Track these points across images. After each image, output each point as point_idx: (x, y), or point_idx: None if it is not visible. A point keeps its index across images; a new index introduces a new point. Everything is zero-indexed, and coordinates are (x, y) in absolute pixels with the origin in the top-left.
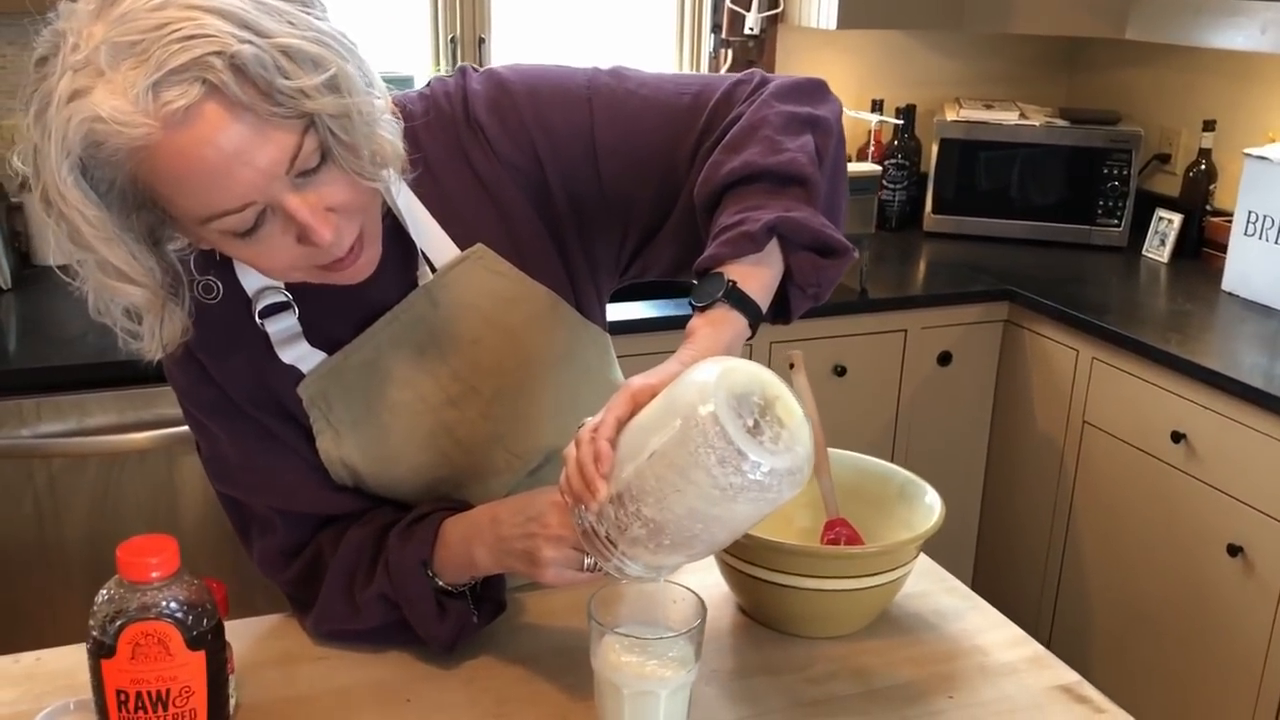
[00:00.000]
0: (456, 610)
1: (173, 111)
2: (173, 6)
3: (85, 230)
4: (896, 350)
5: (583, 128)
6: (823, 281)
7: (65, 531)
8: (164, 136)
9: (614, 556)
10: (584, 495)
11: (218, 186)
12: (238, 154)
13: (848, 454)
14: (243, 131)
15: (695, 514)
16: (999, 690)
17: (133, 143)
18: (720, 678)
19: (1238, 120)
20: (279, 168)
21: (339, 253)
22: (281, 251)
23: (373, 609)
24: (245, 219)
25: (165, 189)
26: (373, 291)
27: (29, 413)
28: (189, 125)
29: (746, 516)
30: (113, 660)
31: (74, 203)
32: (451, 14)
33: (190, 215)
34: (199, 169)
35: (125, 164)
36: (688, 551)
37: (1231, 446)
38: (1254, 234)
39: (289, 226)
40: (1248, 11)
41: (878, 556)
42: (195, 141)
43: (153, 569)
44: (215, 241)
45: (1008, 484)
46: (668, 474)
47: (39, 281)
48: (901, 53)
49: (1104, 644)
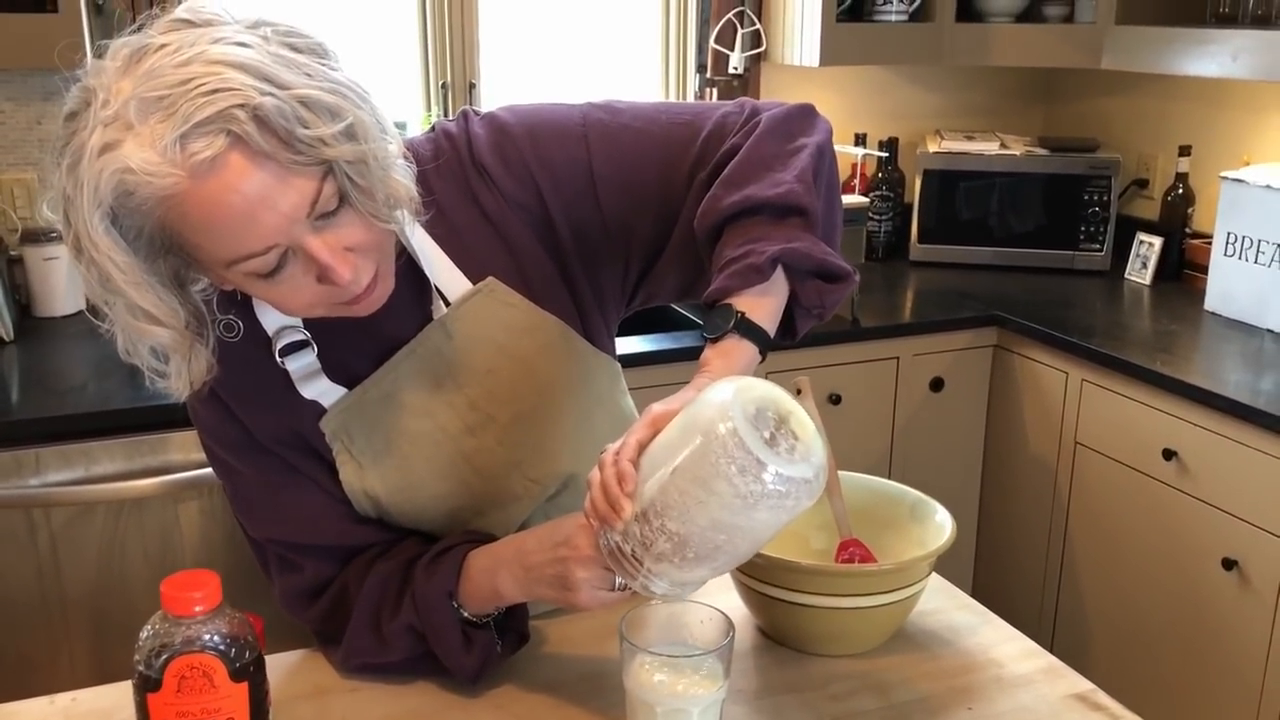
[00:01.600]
0: (482, 641)
1: (200, 162)
2: (197, 62)
3: (115, 275)
4: (889, 378)
5: (581, 162)
6: (826, 304)
7: (71, 580)
8: (191, 185)
9: (640, 574)
10: (609, 515)
11: (243, 231)
12: (261, 200)
13: (859, 476)
14: (265, 179)
15: (718, 524)
16: (1016, 701)
17: (162, 192)
18: (745, 697)
19: (1213, 144)
20: (300, 212)
21: (357, 290)
22: (303, 290)
23: (400, 641)
24: (269, 261)
25: (192, 234)
26: (389, 326)
27: (32, 463)
28: (215, 174)
29: (766, 525)
30: (159, 694)
31: (105, 250)
32: (442, 60)
33: (216, 259)
34: (225, 215)
35: (154, 212)
36: (711, 564)
37: (1222, 462)
38: (1233, 254)
39: (310, 267)
40: (1219, 40)
41: (892, 574)
42: (221, 189)
43: (196, 603)
44: (239, 283)
45: (1003, 506)
46: (691, 487)
47: (40, 333)
48: (883, 87)
49: (1104, 660)
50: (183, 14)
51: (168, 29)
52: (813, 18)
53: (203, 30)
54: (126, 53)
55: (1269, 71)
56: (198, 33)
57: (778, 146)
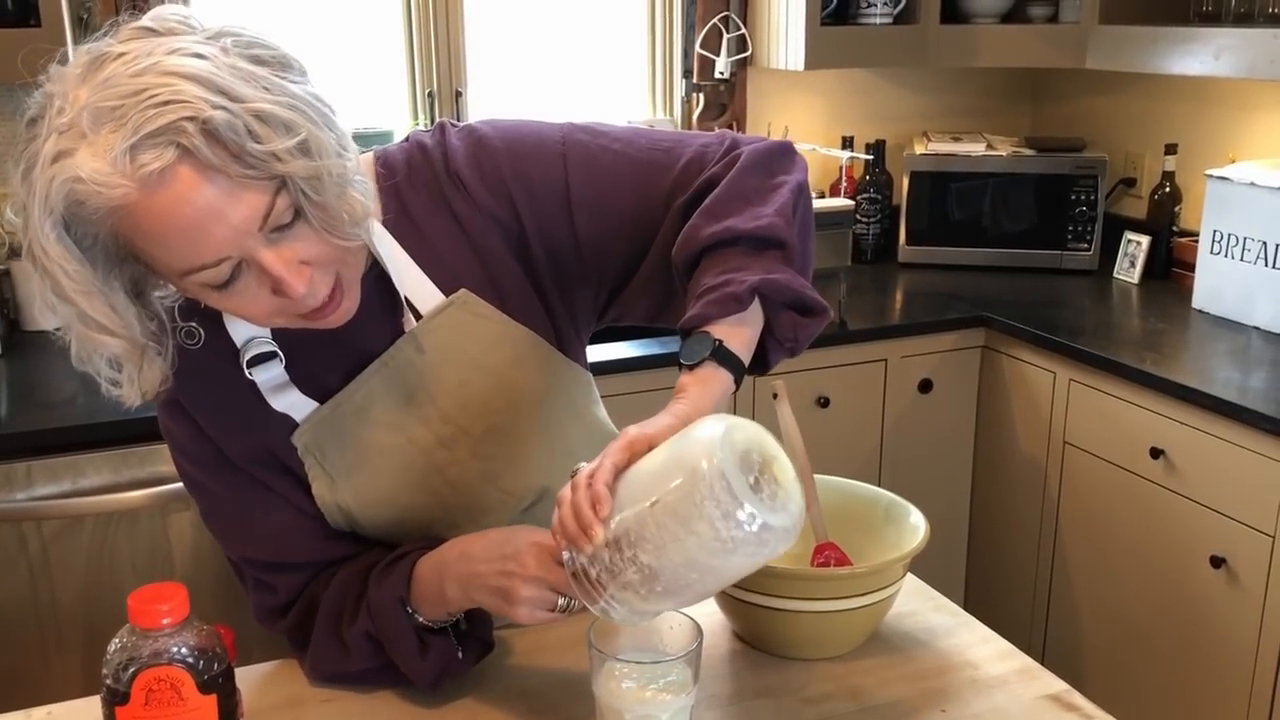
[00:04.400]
0: (438, 647)
1: (149, 174)
2: (151, 73)
3: (66, 284)
4: (877, 380)
5: (558, 182)
6: (800, 337)
7: (60, 592)
8: (140, 197)
9: (601, 599)
10: (579, 538)
11: (193, 243)
12: (211, 213)
13: (834, 479)
14: (215, 192)
15: (692, 563)
16: (990, 702)
17: (111, 202)
18: (719, 702)
19: (1199, 143)
20: (251, 224)
21: (313, 303)
22: (259, 302)
23: (360, 648)
24: (221, 273)
25: (145, 245)
26: (360, 340)
27: (21, 476)
28: (164, 186)
29: (739, 569)
30: (127, 707)
31: (56, 258)
32: (428, 68)
33: (170, 269)
34: (175, 226)
35: (106, 221)
36: (677, 599)
37: (1210, 460)
38: (1220, 252)
39: (264, 279)
40: (1202, 38)
41: (867, 576)
42: (171, 201)
43: (164, 615)
44: (195, 293)
45: (993, 506)
46: (670, 523)
47: (29, 346)
48: (869, 90)
49: (1096, 658)
50: (147, 22)
51: (129, 36)
52: (797, 21)
53: (162, 40)
54: (86, 60)
55: (1252, 69)
56: (156, 42)
57: (758, 181)
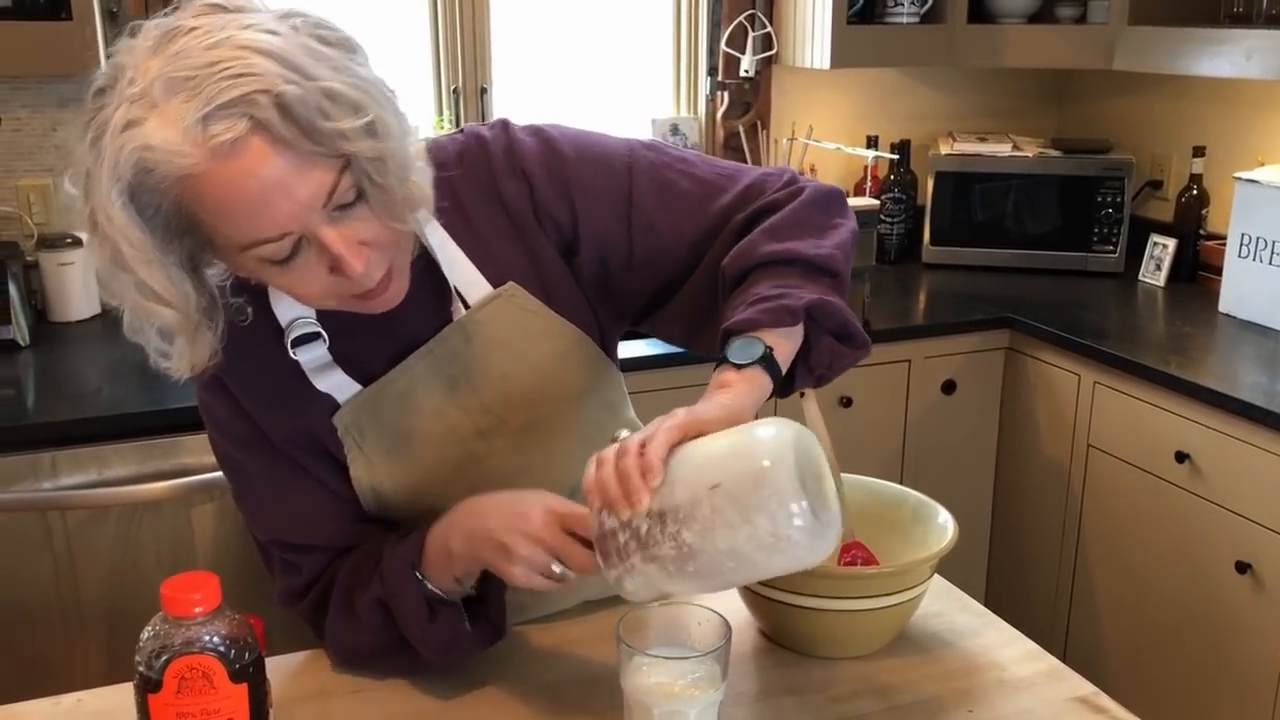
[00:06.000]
0: (446, 616)
1: (220, 144)
2: (225, 46)
3: (127, 252)
4: (901, 380)
5: (621, 194)
6: (834, 366)
7: (85, 582)
8: (209, 167)
9: (620, 567)
10: (619, 502)
11: (258, 216)
12: (278, 186)
13: (862, 479)
14: (283, 166)
15: (736, 553)
16: (1018, 703)
17: (180, 171)
18: (746, 699)
19: (1227, 145)
20: (316, 201)
21: (369, 284)
22: (315, 280)
23: (370, 616)
24: (283, 248)
25: (208, 217)
26: (407, 326)
27: (47, 466)
28: (234, 157)
29: (774, 569)
30: (159, 695)
31: (119, 225)
32: (454, 65)
33: (231, 242)
34: (241, 198)
35: (172, 191)
36: (701, 583)
37: (1235, 465)
38: (1248, 256)
39: (323, 257)
40: (1232, 39)
41: (894, 576)
42: (239, 173)
43: (196, 604)
44: (253, 269)
45: (1016, 508)
46: (728, 510)
47: (56, 338)
48: (894, 89)
49: (1118, 663)
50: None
51: (200, 12)
52: (824, 20)
53: (234, 16)
54: (158, 33)
55: None
56: (228, 18)
57: (820, 217)
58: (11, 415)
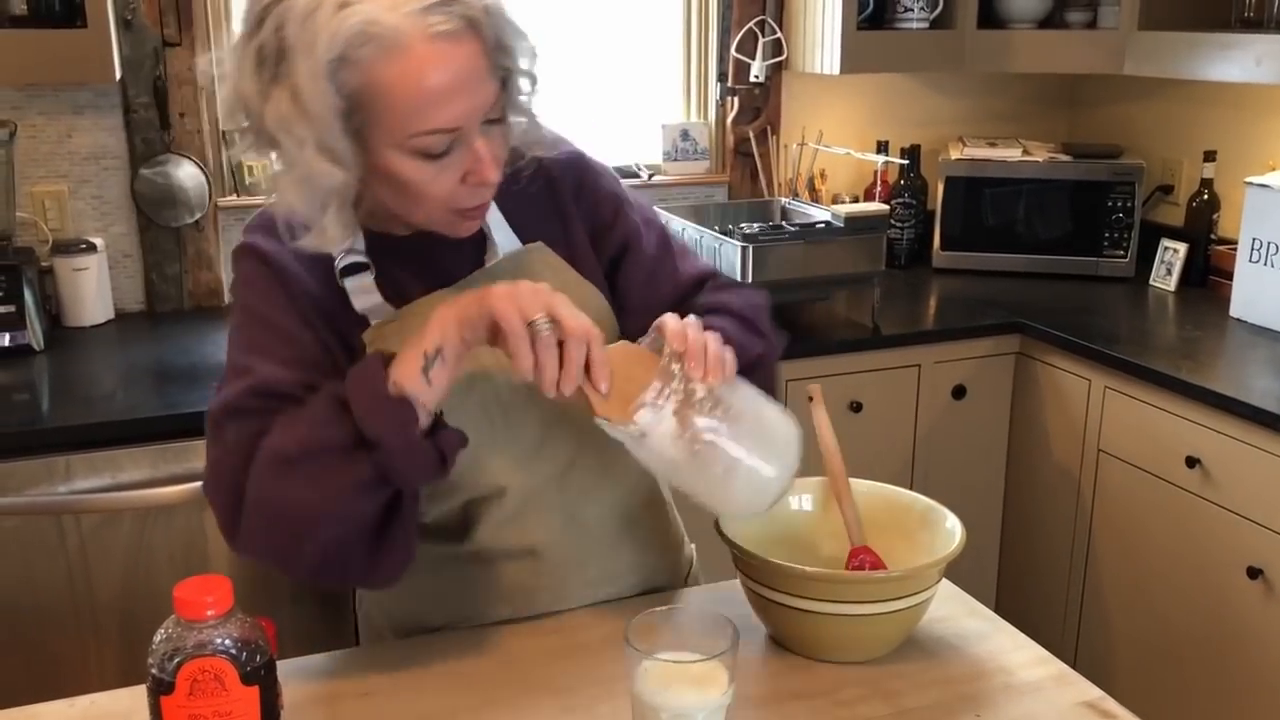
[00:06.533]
0: (400, 406)
1: (435, 33)
2: None
3: (317, 114)
4: (911, 385)
5: (633, 233)
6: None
7: (98, 585)
8: (420, 49)
9: (653, 404)
10: (709, 369)
11: (440, 106)
12: (466, 84)
13: (870, 484)
14: (474, 69)
15: (733, 465)
16: (1024, 708)
17: (391, 47)
18: (754, 704)
19: (1238, 149)
20: (485, 107)
21: (486, 198)
22: (446, 182)
23: (318, 409)
24: (442, 142)
25: (394, 99)
26: (445, 265)
27: (61, 470)
28: (439, 47)
29: (731, 499)
30: (172, 697)
31: (320, 90)
32: None
33: (401, 127)
34: (434, 86)
35: (373, 69)
36: (691, 466)
37: (1247, 470)
38: (1259, 260)
39: (464, 162)
40: (1242, 44)
41: (901, 581)
42: (441, 61)
43: (208, 607)
44: (397, 162)
45: (1026, 513)
46: (755, 438)
47: (70, 342)
48: (904, 94)
49: (1128, 668)
50: None
51: None
52: (833, 26)
53: None
54: None
55: None
56: None
57: (763, 317)
58: (26, 419)
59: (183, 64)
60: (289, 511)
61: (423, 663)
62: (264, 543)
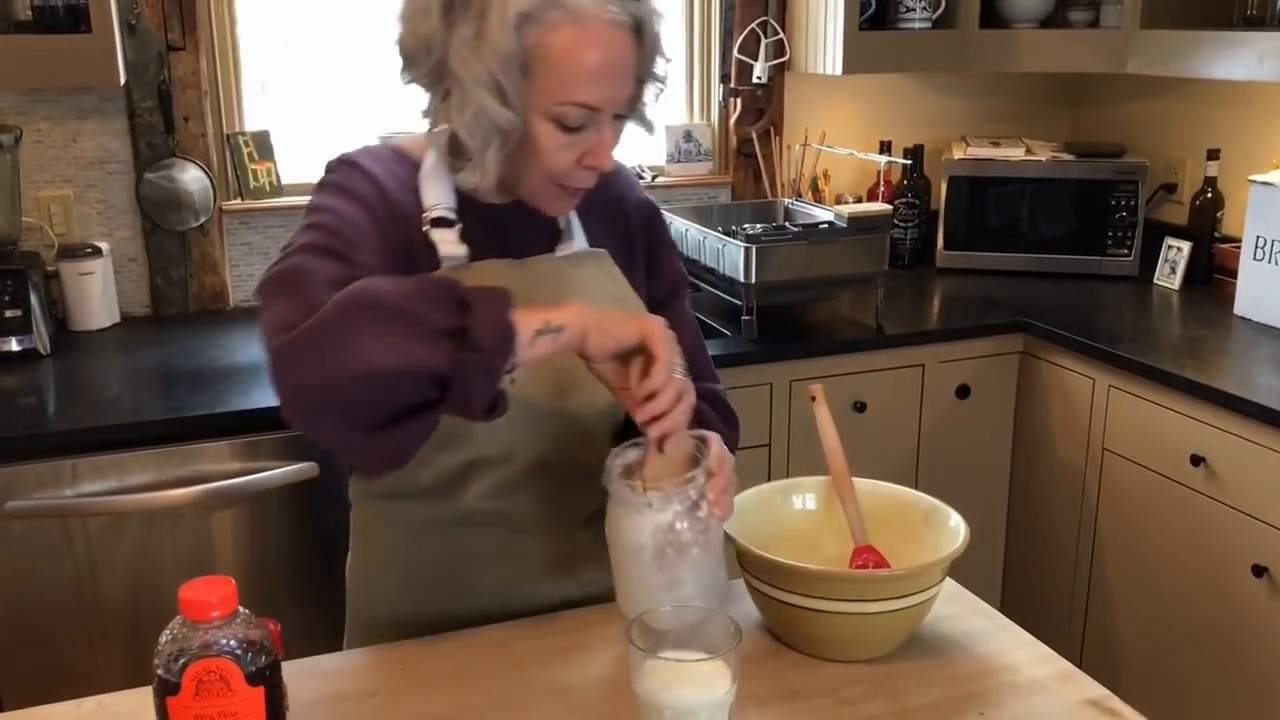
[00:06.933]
0: (509, 332)
1: (610, 19)
2: None
3: (503, 57)
4: (915, 385)
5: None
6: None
7: (105, 588)
8: (593, 28)
9: (668, 497)
10: (723, 503)
11: (592, 84)
12: (618, 73)
13: (873, 483)
14: (628, 63)
15: (694, 572)
16: (1028, 706)
17: (575, 18)
18: (758, 702)
19: (1242, 148)
20: (622, 99)
21: (592, 182)
22: (566, 158)
23: (428, 285)
24: (580, 117)
25: (556, 65)
26: (522, 243)
27: (68, 473)
28: (609, 34)
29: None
30: (177, 697)
31: (506, 37)
32: None
33: (553, 91)
34: (594, 64)
35: (549, 33)
36: (653, 568)
37: (1251, 468)
38: (1263, 259)
39: (585, 144)
40: (1245, 42)
41: (905, 579)
42: (605, 45)
43: (213, 608)
44: (537, 126)
45: (1032, 513)
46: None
47: (75, 346)
48: (907, 95)
49: (1134, 667)
50: None
51: None
52: (836, 26)
53: None
54: None
55: None
56: None
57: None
58: (33, 423)
59: (187, 68)
60: (348, 346)
61: (427, 663)
62: (305, 359)
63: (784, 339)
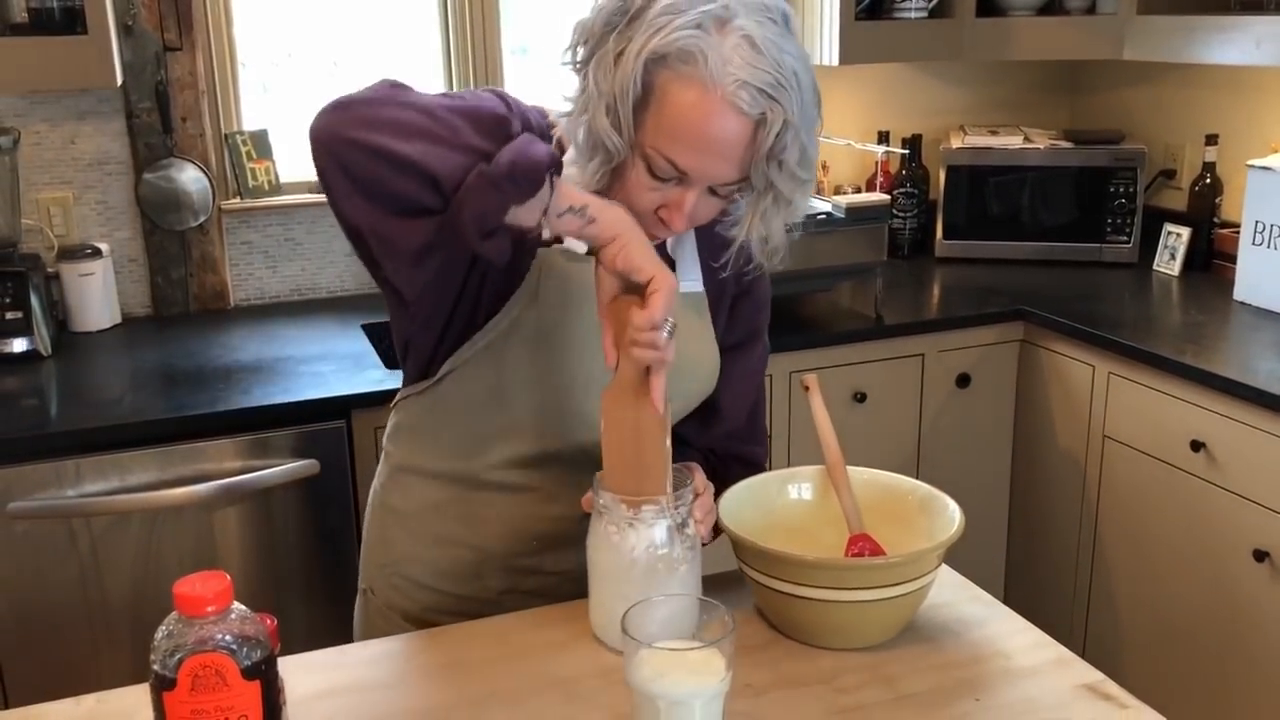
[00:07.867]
0: (539, 179)
1: (731, 103)
2: (789, 57)
3: (624, 83)
4: (915, 374)
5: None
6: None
7: (108, 586)
8: (711, 100)
9: (661, 511)
10: (704, 520)
11: (692, 149)
12: (720, 156)
13: (868, 471)
14: (735, 150)
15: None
16: (1023, 691)
17: (700, 82)
18: (754, 691)
19: (1240, 133)
20: (717, 181)
21: (664, 237)
22: (646, 202)
23: (483, 114)
24: (669, 172)
25: (668, 117)
26: None
27: (71, 473)
28: (723, 116)
29: None
30: (174, 693)
31: (637, 68)
32: (464, 68)
33: (655, 139)
34: (698, 129)
35: (677, 79)
36: (637, 581)
37: (1251, 453)
38: (1262, 244)
39: (667, 197)
40: (1241, 26)
41: (900, 566)
42: (718, 123)
43: (208, 603)
44: (634, 162)
45: (1033, 500)
46: None
47: (76, 347)
48: (905, 84)
49: (1136, 653)
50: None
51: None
52: (832, 17)
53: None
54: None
55: None
56: (780, 30)
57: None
58: (35, 424)
59: (184, 68)
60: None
61: (425, 656)
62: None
63: (783, 330)
